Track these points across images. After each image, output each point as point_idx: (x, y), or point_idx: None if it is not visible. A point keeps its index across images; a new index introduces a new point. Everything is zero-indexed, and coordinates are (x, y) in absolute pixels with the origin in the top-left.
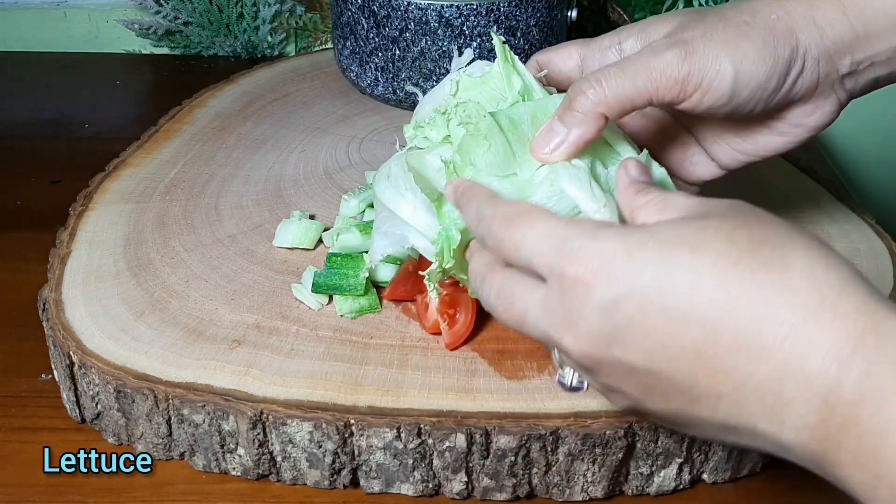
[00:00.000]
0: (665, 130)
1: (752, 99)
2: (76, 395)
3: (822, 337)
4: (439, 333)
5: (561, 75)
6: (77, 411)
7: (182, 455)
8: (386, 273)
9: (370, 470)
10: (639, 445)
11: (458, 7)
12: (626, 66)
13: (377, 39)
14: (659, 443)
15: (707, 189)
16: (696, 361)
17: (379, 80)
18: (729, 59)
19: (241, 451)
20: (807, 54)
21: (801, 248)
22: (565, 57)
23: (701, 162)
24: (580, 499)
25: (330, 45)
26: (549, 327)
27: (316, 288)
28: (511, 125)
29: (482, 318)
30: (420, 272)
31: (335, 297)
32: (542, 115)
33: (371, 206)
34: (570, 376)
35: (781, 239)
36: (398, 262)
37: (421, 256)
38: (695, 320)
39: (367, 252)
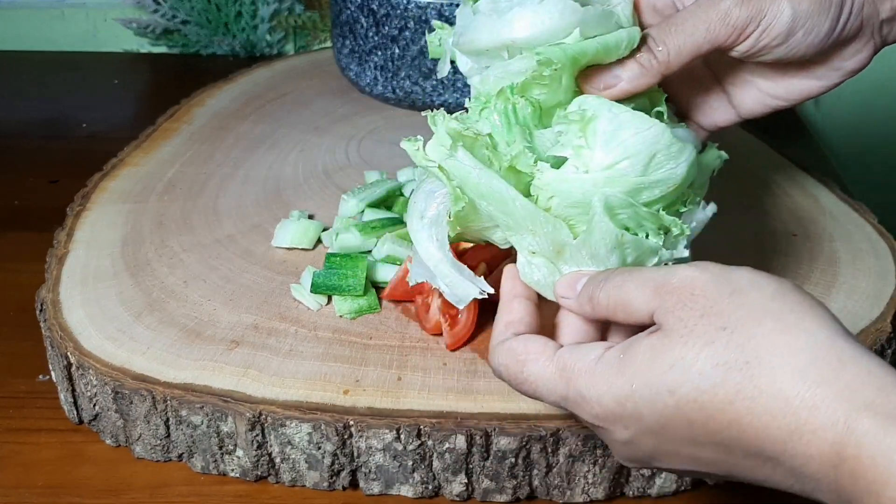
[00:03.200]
0: (691, 73)
1: (805, 42)
2: (74, 396)
3: (810, 452)
4: (440, 334)
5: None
6: (75, 412)
7: (180, 456)
8: (386, 273)
9: (370, 471)
10: None
11: (457, 5)
12: (685, 21)
13: (376, 38)
14: None
15: (713, 188)
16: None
17: (378, 79)
18: (787, 1)
19: (239, 452)
20: None
21: (768, 356)
22: None
23: (721, 107)
24: (581, 500)
25: (329, 43)
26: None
27: (315, 288)
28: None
29: (483, 318)
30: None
31: (334, 298)
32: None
33: (371, 205)
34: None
35: (748, 355)
36: (398, 263)
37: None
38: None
39: (366, 252)
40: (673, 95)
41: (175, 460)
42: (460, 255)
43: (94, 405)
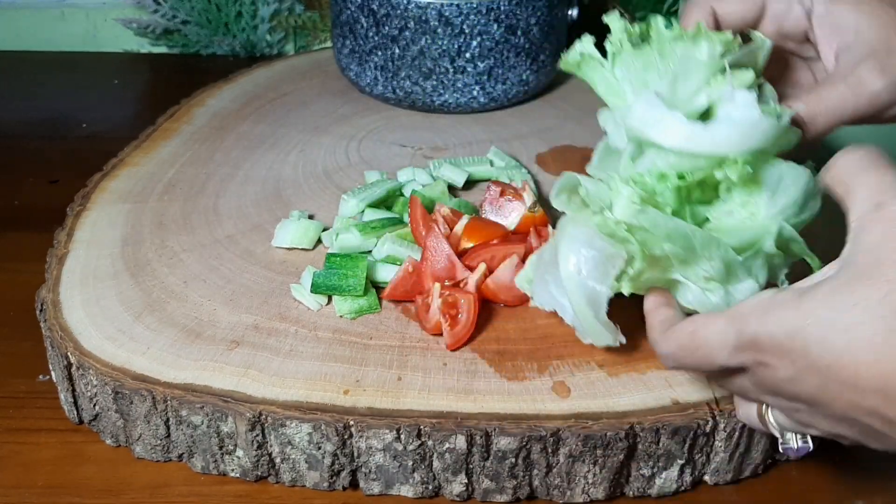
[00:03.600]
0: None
1: None
2: (74, 397)
3: None
4: (440, 334)
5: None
6: (75, 412)
7: (180, 457)
8: (386, 273)
9: (370, 471)
10: (640, 447)
11: (458, 5)
12: (832, 98)
13: (376, 38)
14: (660, 444)
15: None
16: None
17: (378, 79)
18: None
19: (239, 452)
20: None
21: None
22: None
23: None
24: (581, 500)
25: (329, 43)
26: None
27: (315, 288)
28: None
29: (483, 319)
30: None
31: (334, 298)
32: None
33: (371, 205)
34: (794, 439)
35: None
36: (398, 263)
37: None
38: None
39: (366, 252)
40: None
41: (175, 460)
42: (461, 255)
43: (94, 405)
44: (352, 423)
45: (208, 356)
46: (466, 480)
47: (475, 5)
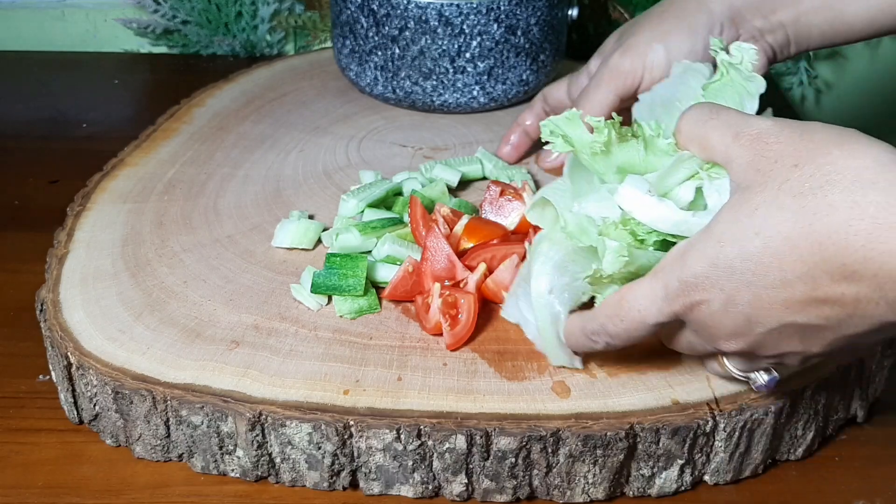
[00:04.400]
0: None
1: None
2: (74, 397)
3: (890, 247)
4: (440, 334)
5: (554, 103)
6: (75, 413)
7: (180, 457)
8: (386, 273)
9: (370, 471)
10: (640, 447)
11: (458, 5)
12: (590, 83)
13: (376, 38)
14: (660, 444)
15: None
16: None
17: (378, 79)
18: (657, 41)
19: (239, 452)
20: (722, 17)
21: (837, 177)
22: (557, 90)
23: None
24: (581, 500)
25: (329, 43)
26: (711, 341)
27: (315, 289)
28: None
29: (483, 319)
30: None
31: (334, 298)
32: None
33: (371, 205)
34: (759, 376)
35: (820, 181)
36: (398, 263)
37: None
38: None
39: (366, 252)
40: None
41: (175, 460)
42: (460, 255)
43: (94, 405)
44: (352, 423)
45: (208, 356)
46: (466, 480)
47: (475, 5)
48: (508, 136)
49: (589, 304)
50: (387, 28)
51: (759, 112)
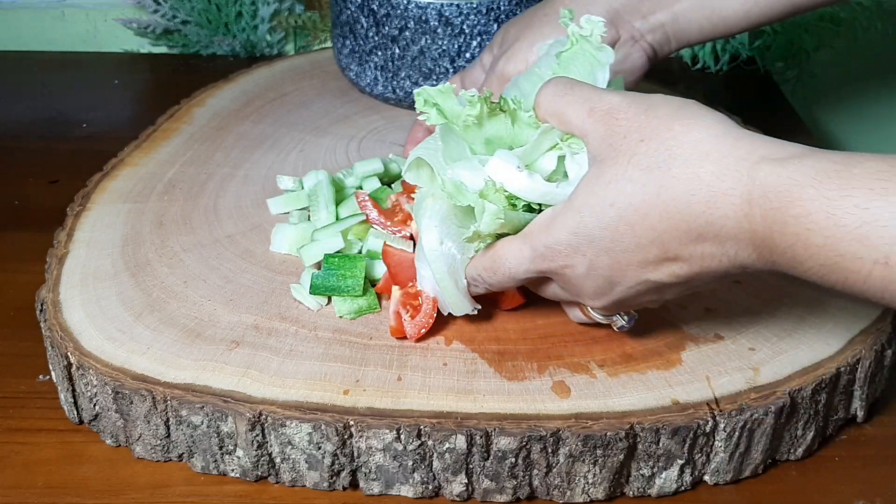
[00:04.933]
0: None
1: None
2: (74, 397)
3: (726, 212)
4: (404, 336)
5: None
6: (75, 413)
7: (180, 457)
8: (382, 270)
9: (370, 471)
10: (640, 447)
11: (458, 5)
12: (484, 84)
13: (376, 38)
14: (660, 444)
15: None
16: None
17: (378, 79)
18: (538, 43)
19: (239, 452)
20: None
21: (678, 150)
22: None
23: None
24: (581, 500)
25: (329, 43)
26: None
27: (314, 290)
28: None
29: (483, 319)
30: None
31: (334, 299)
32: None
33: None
34: (620, 318)
35: (663, 155)
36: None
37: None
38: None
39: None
40: None
41: (175, 460)
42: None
43: (94, 405)
44: (352, 423)
45: (208, 356)
46: (466, 480)
47: (475, 5)
48: (413, 135)
49: None
50: (387, 28)
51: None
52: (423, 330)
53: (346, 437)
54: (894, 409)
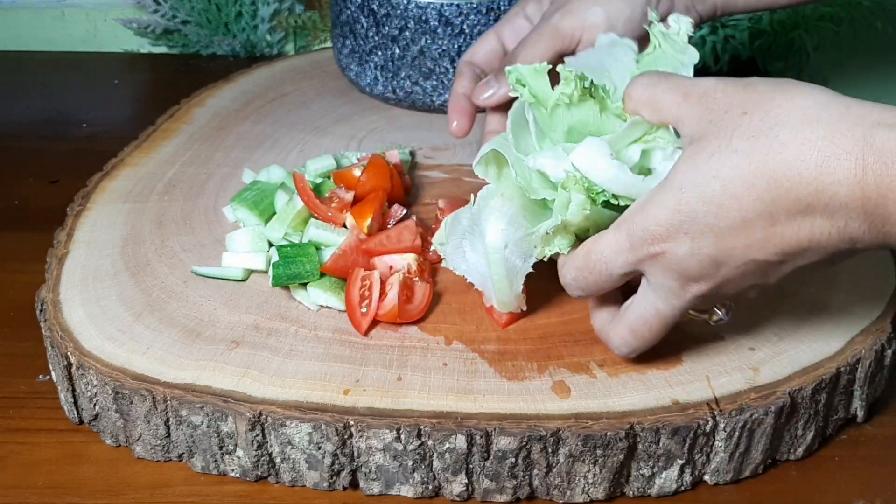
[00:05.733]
0: None
1: (626, 30)
2: (74, 397)
3: (839, 178)
4: (398, 323)
5: (487, 58)
6: (75, 413)
7: (180, 456)
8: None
9: (370, 471)
10: (640, 447)
11: (458, 5)
12: (529, 38)
13: (376, 38)
14: (660, 444)
15: None
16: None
17: (378, 79)
18: (598, 6)
19: (239, 452)
20: None
21: (785, 117)
22: (484, 45)
23: None
24: (581, 500)
25: (329, 43)
26: (682, 282)
27: (276, 280)
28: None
29: (483, 318)
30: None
31: (310, 286)
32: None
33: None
34: (717, 312)
35: (768, 123)
36: (326, 247)
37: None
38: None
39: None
40: None
41: (175, 460)
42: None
43: (94, 405)
44: (352, 423)
45: (208, 356)
46: (466, 480)
47: (475, 5)
48: (453, 112)
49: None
50: (387, 28)
51: None
52: (420, 313)
53: (346, 437)
54: (894, 409)
